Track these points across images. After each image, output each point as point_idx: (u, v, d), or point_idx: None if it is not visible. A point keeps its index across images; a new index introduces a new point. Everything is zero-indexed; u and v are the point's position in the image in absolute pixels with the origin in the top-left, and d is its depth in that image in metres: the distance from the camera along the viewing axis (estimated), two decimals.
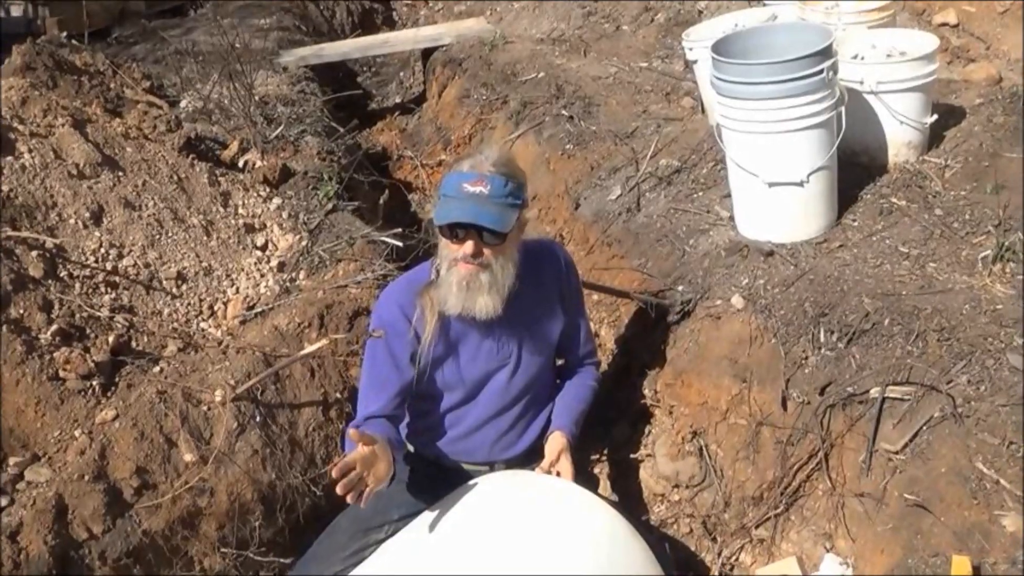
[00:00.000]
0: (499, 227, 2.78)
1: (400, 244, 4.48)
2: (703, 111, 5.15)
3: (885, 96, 4.15)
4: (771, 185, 3.84)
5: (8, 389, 3.37)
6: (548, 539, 2.85)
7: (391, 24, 9.48)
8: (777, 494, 3.32)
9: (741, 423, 3.44)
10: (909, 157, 4.29)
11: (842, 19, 4.54)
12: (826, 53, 3.72)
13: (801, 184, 3.81)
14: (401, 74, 8.49)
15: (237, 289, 4.20)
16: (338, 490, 2.48)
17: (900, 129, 4.23)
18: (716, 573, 3.43)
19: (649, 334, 3.88)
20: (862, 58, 4.24)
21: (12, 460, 3.24)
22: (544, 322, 3.23)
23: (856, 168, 4.16)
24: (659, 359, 3.75)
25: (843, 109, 3.82)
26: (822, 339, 3.38)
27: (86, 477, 3.17)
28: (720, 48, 3.91)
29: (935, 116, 4.30)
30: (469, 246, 2.82)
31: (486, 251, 2.84)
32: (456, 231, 2.83)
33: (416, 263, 3.62)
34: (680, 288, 3.91)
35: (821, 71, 3.68)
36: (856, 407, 3.18)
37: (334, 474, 2.50)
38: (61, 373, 3.48)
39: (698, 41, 4.83)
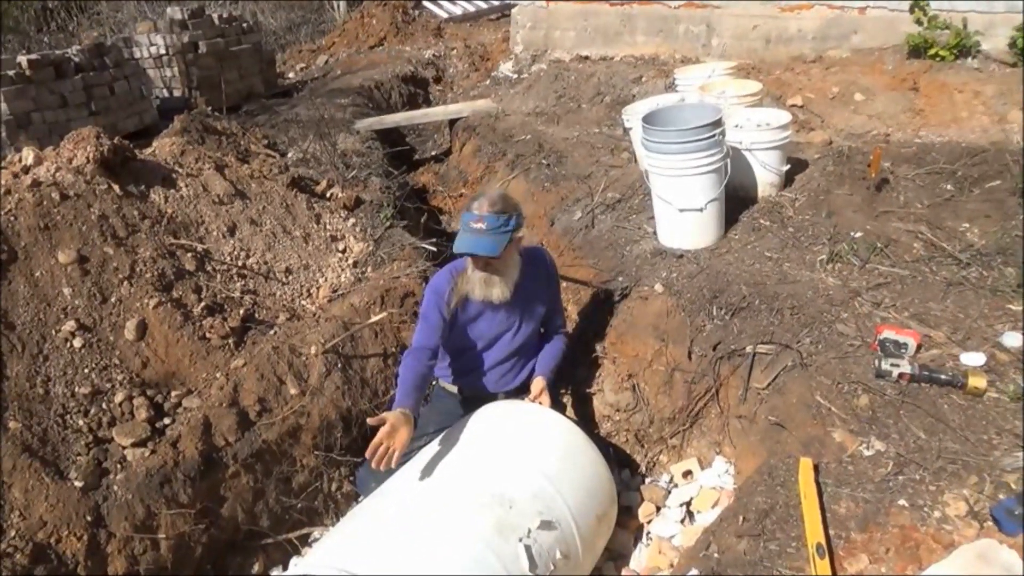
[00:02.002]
0: (492, 253, 2.84)
1: (435, 249, 4.44)
2: (635, 161, 5.10)
3: (756, 152, 4.12)
4: (681, 210, 3.81)
5: (172, 345, 3.34)
6: (532, 441, 2.85)
7: (428, 103, 9.41)
8: (684, 416, 3.31)
9: (661, 369, 3.41)
10: (771, 193, 4.25)
11: (728, 101, 4.50)
12: (718, 123, 3.70)
13: (701, 210, 3.78)
14: (435, 135, 8.43)
15: (326, 279, 4.16)
16: (372, 465, 2.51)
17: (766, 174, 4.19)
18: (643, 468, 3.41)
19: (600, 309, 3.85)
20: (741, 127, 4.20)
21: (174, 393, 3.22)
22: (535, 302, 3.22)
23: (737, 199, 4.12)
24: (606, 325, 3.72)
25: (729, 160, 3.79)
26: (714, 313, 3.35)
27: (224, 404, 3.15)
28: (648, 119, 3.88)
29: (789, 165, 4.28)
30: (480, 263, 2.89)
31: (492, 263, 2.87)
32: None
33: (445, 262, 3.60)
34: (620, 279, 3.88)
35: (714, 135, 3.66)
36: (736, 359, 3.17)
37: (367, 455, 2.53)
38: (207, 335, 3.45)
39: (633, 115, 4.79)
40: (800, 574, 2.10)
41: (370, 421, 2.63)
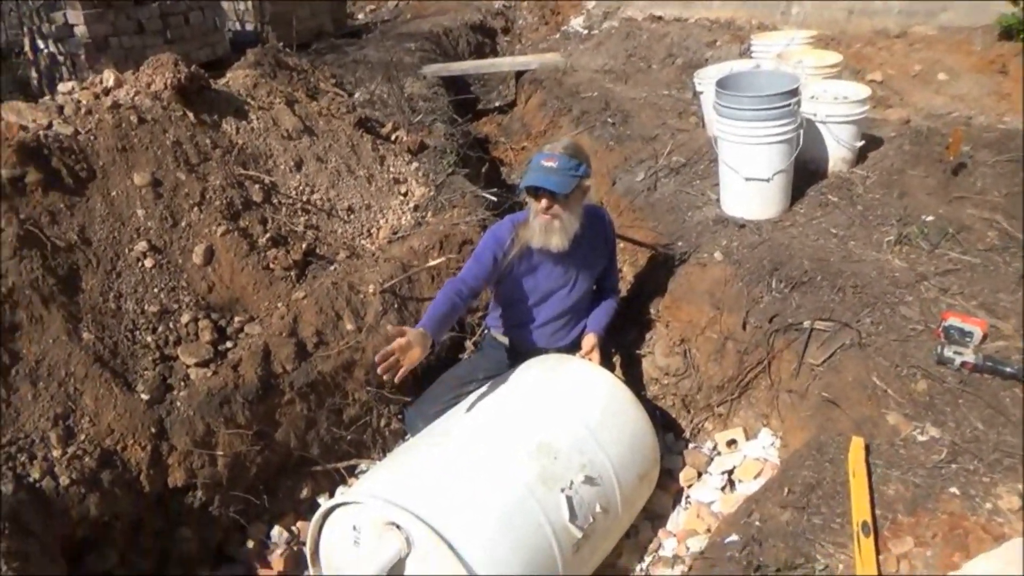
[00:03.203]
0: (560, 190, 2.83)
1: (495, 199, 4.43)
2: (703, 126, 5.01)
3: (831, 125, 4.00)
4: (747, 179, 3.73)
5: (237, 273, 3.41)
6: (580, 396, 2.88)
7: (495, 53, 9.32)
8: (734, 386, 3.29)
9: (713, 337, 3.38)
10: (842, 168, 4.13)
11: (805, 71, 4.36)
12: (794, 92, 3.60)
13: (768, 180, 3.70)
14: (500, 86, 8.36)
15: (386, 220, 4.19)
16: (379, 370, 2.49)
17: (838, 148, 4.08)
18: (688, 433, 3.42)
19: (657, 272, 3.82)
20: (817, 98, 4.08)
21: (237, 319, 3.30)
22: (593, 260, 3.21)
23: (806, 172, 4.02)
24: (662, 289, 3.69)
25: (802, 132, 3.69)
26: (773, 285, 3.30)
27: (283, 333, 3.22)
28: (722, 84, 3.80)
29: (863, 142, 4.15)
30: (543, 203, 2.84)
31: (555, 206, 2.85)
32: (535, 192, 2.86)
33: (503, 213, 3.59)
34: (679, 243, 3.83)
35: (789, 104, 3.58)
36: (793, 333, 3.12)
37: (376, 359, 2.50)
38: (271, 265, 3.51)
39: (705, 79, 4.69)
40: (843, 550, 2.09)
41: (390, 329, 2.62)
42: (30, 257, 2.92)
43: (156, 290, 3.18)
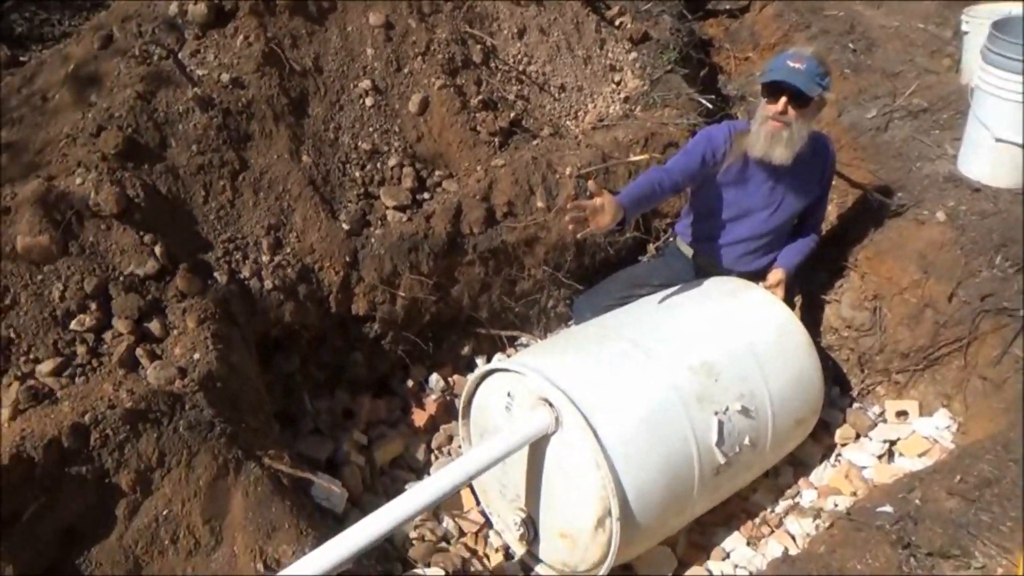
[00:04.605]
0: (806, 91, 2.64)
1: (711, 106, 4.21)
2: (957, 71, 4.46)
3: None
4: (998, 140, 3.30)
5: (445, 129, 3.47)
6: (755, 326, 2.80)
7: None
8: (921, 356, 3.05)
9: (912, 300, 3.12)
10: None
11: None
12: None
13: (1022, 146, 3.28)
14: None
15: (595, 106, 4.10)
16: (566, 217, 2.41)
17: None
18: (855, 392, 3.24)
19: (864, 219, 3.52)
20: None
21: (437, 172, 3.39)
22: (805, 189, 3.01)
23: None
24: (865, 238, 3.42)
25: None
26: (997, 262, 2.98)
27: (477, 196, 3.28)
28: (997, 26, 3.33)
29: None
30: (781, 103, 2.68)
31: (791, 111, 2.67)
32: (773, 92, 2.70)
33: (715, 123, 3.40)
34: (899, 194, 3.49)
35: None
36: (1005, 318, 2.83)
37: (568, 206, 2.45)
38: (478, 128, 3.54)
39: (975, 18, 4.13)
40: (1007, 555, 1.95)
41: (592, 185, 2.53)
42: (270, 75, 3.10)
43: (371, 129, 3.31)
